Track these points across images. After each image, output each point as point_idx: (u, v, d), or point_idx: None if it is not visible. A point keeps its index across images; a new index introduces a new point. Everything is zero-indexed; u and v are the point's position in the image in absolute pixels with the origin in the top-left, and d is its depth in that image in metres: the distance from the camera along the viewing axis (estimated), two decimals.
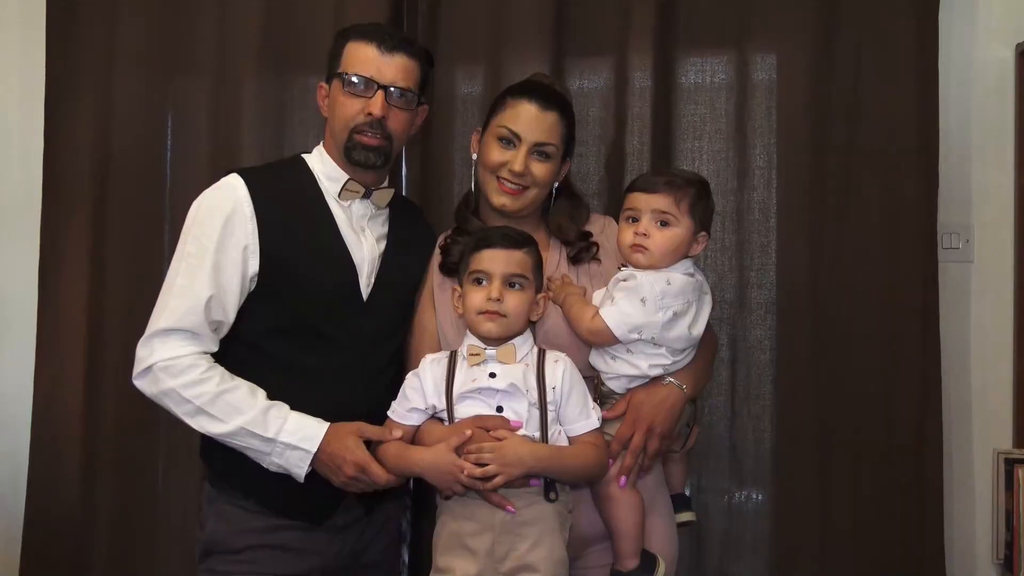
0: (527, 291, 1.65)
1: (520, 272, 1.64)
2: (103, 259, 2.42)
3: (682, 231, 1.70)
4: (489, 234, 1.68)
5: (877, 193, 2.14)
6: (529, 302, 1.65)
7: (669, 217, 1.69)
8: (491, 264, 1.63)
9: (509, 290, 1.63)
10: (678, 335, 1.69)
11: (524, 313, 1.64)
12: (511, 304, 1.62)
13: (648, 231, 1.69)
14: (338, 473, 1.65)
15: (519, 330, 1.65)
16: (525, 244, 1.66)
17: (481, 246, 1.65)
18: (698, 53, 2.25)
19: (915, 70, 2.12)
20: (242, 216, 1.70)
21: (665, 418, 1.69)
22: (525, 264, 1.65)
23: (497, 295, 1.61)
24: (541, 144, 1.77)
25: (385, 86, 1.72)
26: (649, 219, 1.69)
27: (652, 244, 1.69)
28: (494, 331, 1.61)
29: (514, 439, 1.56)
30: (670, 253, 1.70)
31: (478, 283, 1.64)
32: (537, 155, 1.78)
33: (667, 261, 1.70)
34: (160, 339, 1.67)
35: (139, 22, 2.41)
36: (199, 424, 1.67)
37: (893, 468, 2.10)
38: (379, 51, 1.73)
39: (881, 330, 2.12)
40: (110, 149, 2.43)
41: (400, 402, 1.69)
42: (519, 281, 1.64)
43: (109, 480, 2.41)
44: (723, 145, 2.25)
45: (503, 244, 1.64)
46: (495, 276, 1.62)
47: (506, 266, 1.63)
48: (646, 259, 1.69)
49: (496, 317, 1.61)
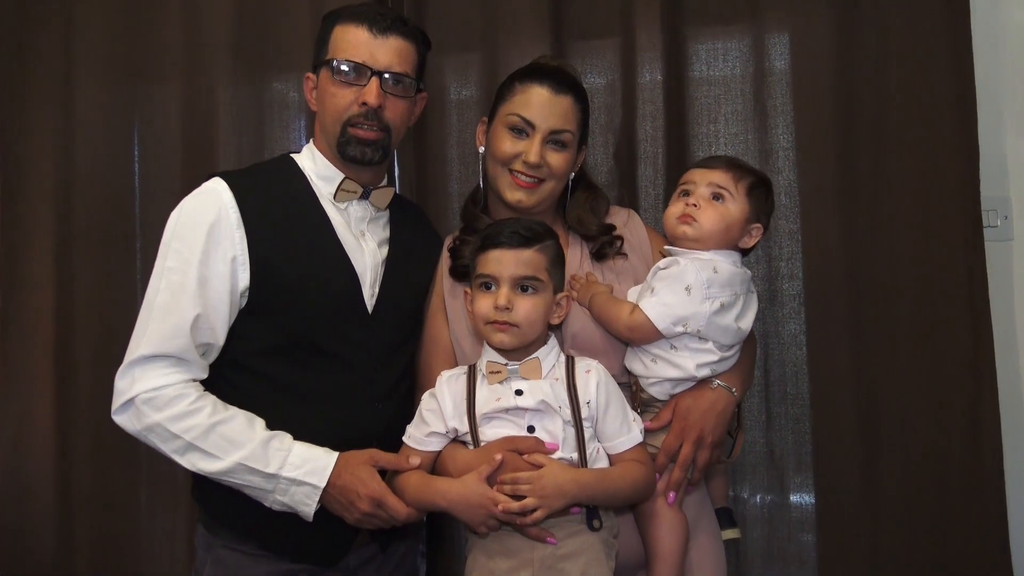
0: (542, 294, 1.49)
1: (531, 274, 1.48)
2: (70, 284, 2.31)
3: (736, 210, 1.59)
4: (495, 231, 1.52)
5: (911, 171, 2.01)
6: (545, 306, 1.49)
7: (724, 192, 1.60)
8: (498, 266, 1.48)
9: (520, 295, 1.47)
10: (726, 327, 1.57)
11: (540, 319, 1.49)
12: (523, 311, 1.46)
13: (700, 203, 1.59)
14: (351, 509, 1.51)
15: (537, 337, 1.50)
16: (537, 240, 1.50)
17: (487, 245, 1.51)
18: (709, 29, 2.15)
19: (946, 36, 1.99)
20: (228, 223, 1.56)
21: (716, 425, 1.57)
22: (538, 263, 1.49)
23: (505, 302, 1.46)
24: (557, 132, 1.65)
25: (379, 72, 1.59)
26: (704, 190, 1.60)
27: (702, 216, 1.58)
28: (506, 342, 1.48)
29: (553, 466, 1.42)
30: (719, 232, 1.59)
31: (486, 288, 1.50)
32: (553, 144, 1.66)
33: (714, 241, 1.59)
34: (141, 367, 1.53)
35: (98, 28, 2.30)
36: (190, 462, 1.52)
37: (947, 466, 1.97)
38: (371, 33, 1.59)
39: (925, 319, 2.00)
40: (72, 165, 2.32)
41: (417, 426, 1.55)
42: (531, 284, 1.48)
43: (86, 524, 2.28)
44: (741, 127, 2.14)
45: (511, 243, 1.48)
46: (503, 280, 1.48)
47: (515, 268, 1.48)
48: (693, 232, 1.59)
49: (507, 327, 1.47)
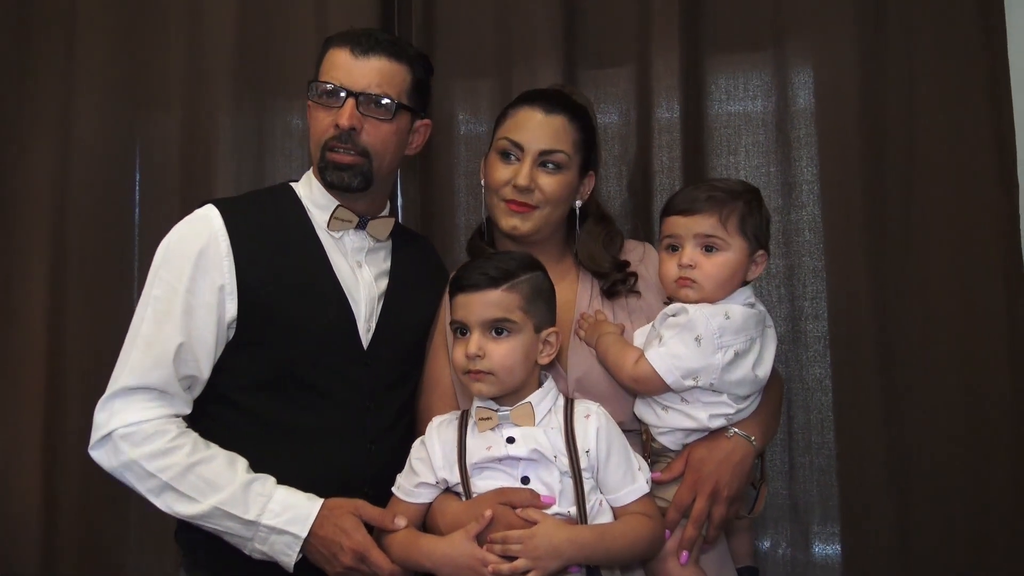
0: (517, 335, 1.39)
1: (501, 316, 1.38)
2: (62, 315, 2.24)
3: (734, 255, 1.49)
4: (461, 274, 1.44)
5: (944, 205, 1.91)
6: (524, 348, 1.39)
7: (716, 241, 1.48)
8: (465, 312, 1.40)
9: (493, 339, 1.38)
10: (741, 378, 1.46)
11: (518, 363, 1.38)
12: (497, 357, 1.37)
13: (694, 260, 1.48)
14: (333, 561, 1.44)
15: (524, 381, 1.40)
16: (507, 278, 1.39)
17: (454, 289, 1.43)
18: (729, 57, 2.07)
19: (981, 60, 1.90)
20: (216, 251, 1.51)
21: (732, 478, 1.46)
22: (508, 304, 1.38)
23: (476, 350, 1.37)
24: (547, 152, 1.59)
25: (356, 93, 1.53)
26: (693, 246, 1.48)
27: (701, 275, 1.48)
28: (484, 391, 1.40)
29: (547, 524, 1.33)
30: (724, 283, 1.49)
31: (460, 335, 1.41)
32: (544, 166, 1.59)
33: (722, 292, 1.49)
34: (122, 400, 1.47)
35: (98, 53, 2.26)
36: (165, 504, 1.46)
37: (987, 524, 1.84)
38: (352, 55, 1.55)
39: (960, 362, 1.88)
40: (69, 192, 2.27)
41: (406, 476, 1.48)
42: (504, 326, 1.38)
43: (72, 564, 2.20)
44: (762, 159, 2.05)
45: (477, 285, 1.39)
46: (472, 326, 1.39)
47: (483, 311, 1.38)
48: (696, 293, 1.49)
49: (481, 376, 1.38)
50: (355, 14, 2.04)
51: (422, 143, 1.68)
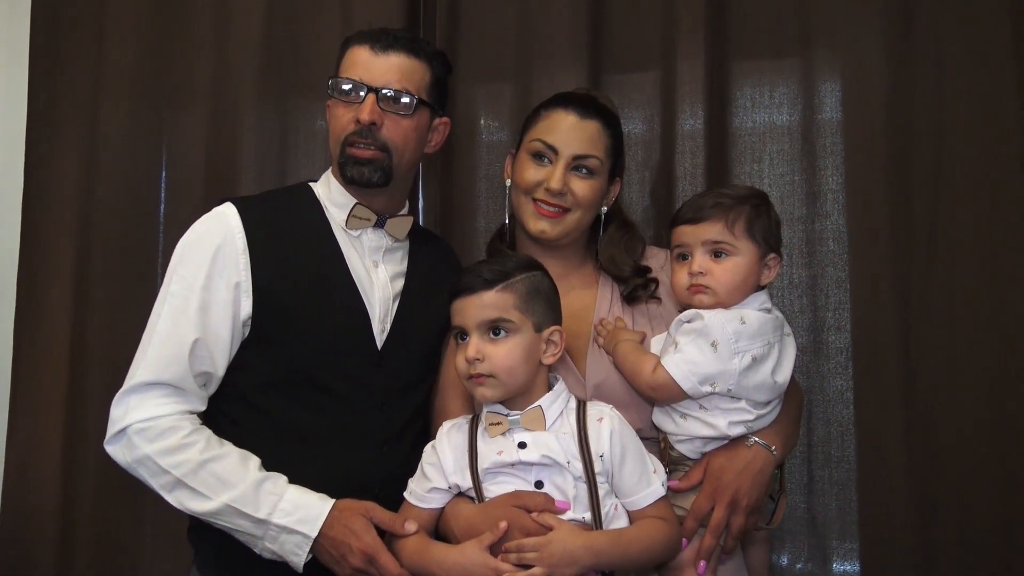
0: (516, 335, 1.37)
1: (497, 316, 1.37)
2: (86, 312, 2.25)
3: (744, 259, 1.49)
4: (457, 279, 1.43)
5: (972, 216, 1.87)
6: (524, 348, 1.37)
7: (724, 246, 1.48)
8: (462, 316, 1.39)
9: (491, 341, 1.37)
10: (760, 383, 1.45)
11: (519, 363, 1.37)
12: (496, 358, 1.36)
13: (704, 267, 1.49)
14: (342, 563, 1.43)
15: (524, 383, 1.38)
16: (501, 279, 1.38)
17: (450, 295, 1.42)
18: (755, 64, 2.05)
19: (1013, 67, 1.86)
20: (233, 248, 1.52)
21: (752, 487, 1.45)
22: (503, 304, 1.37)
23: (474, 353, 1.36)
24: (581, 157, 1.59)
25: (376, 88, 1.53)
26: (702, 253, 1.49)
27: (713, 281, 1.48)
28: (488, 396, 1.38)
29: (562, 530, 1.32)
30: (738, 287, 1.48)
31: (461, 339, 1.40)
32: (577, 170, 1.60)
33: (736, 297, 1.49)
34: (138, 396, 1.48)
35: (126, 52, 2.28)
36: (178, 500, 1.46)
37: (1013, 543, 1.79)
38: (372, 51, 1.56)
39: (988, 377, 1.84)
40: (96, 190, 2.28)
41: (418, 481, 1.46)
42: (501, 326, 1.37)
43: (88, 560, 2.20)
44: (787, 167, 2.02)
45: (471, 288, 1.39)
46: (470, 329, 1.38)
47: (478, 313, 1.37)
48: (711, 299, 1.49)
49: (483, 379, 1.36)
50: (381, 17, 2.03)
51: (441, 141, 1.68)
